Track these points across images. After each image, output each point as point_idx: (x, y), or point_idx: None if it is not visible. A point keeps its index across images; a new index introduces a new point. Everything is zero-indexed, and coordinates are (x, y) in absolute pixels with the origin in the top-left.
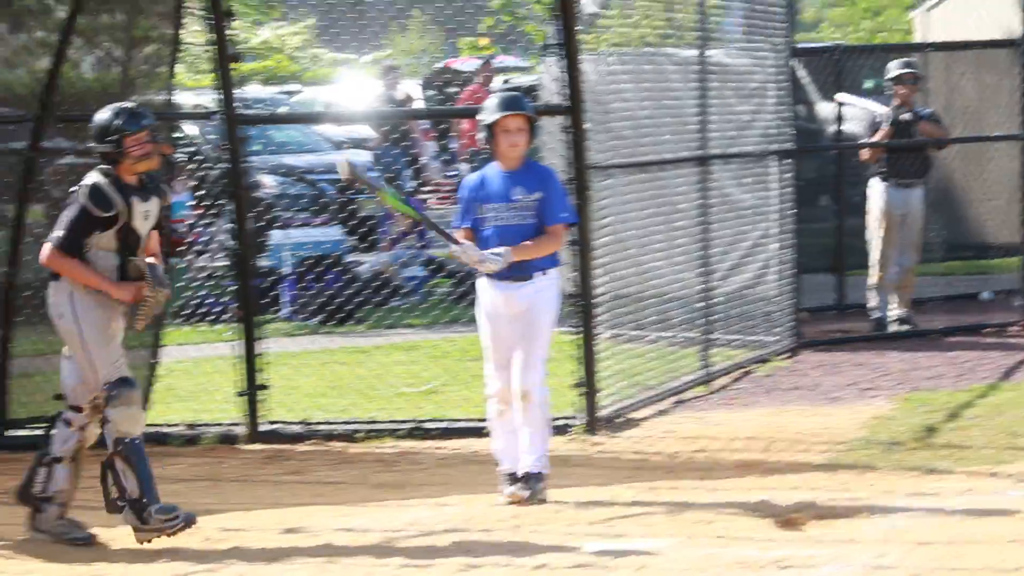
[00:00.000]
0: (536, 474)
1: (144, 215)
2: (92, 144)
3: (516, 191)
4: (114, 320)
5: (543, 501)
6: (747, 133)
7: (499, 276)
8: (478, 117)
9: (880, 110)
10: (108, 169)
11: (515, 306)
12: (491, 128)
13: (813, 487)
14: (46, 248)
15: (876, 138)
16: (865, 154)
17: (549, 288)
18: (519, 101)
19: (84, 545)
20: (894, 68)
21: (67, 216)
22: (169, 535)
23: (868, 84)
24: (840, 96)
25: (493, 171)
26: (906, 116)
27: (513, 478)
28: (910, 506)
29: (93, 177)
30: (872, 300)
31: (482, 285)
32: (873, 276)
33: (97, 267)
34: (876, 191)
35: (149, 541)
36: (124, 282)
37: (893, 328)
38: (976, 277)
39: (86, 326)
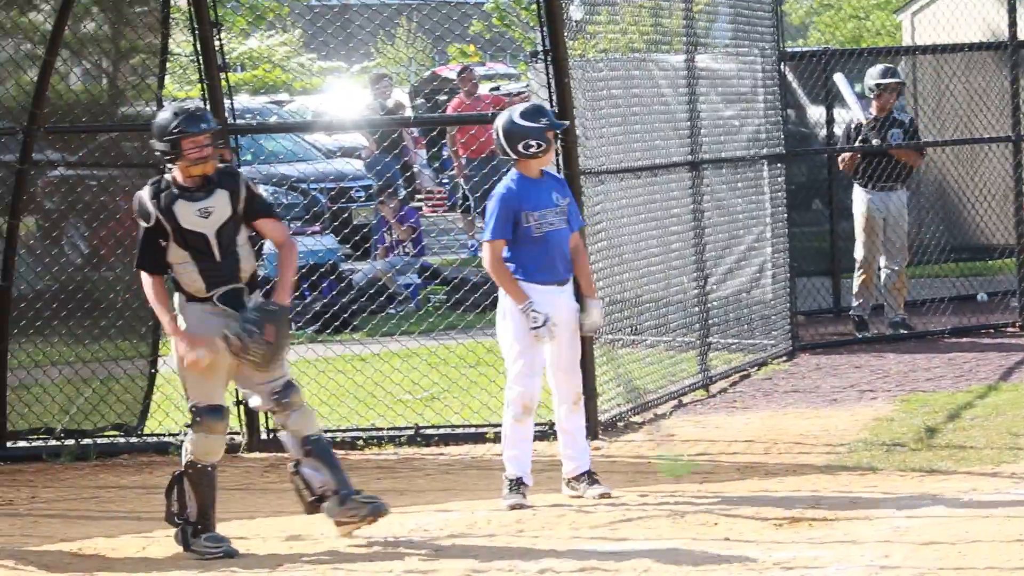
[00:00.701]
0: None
1: (200, 213)
2: (151, 142)
3: (555, 196)
4: (215, 341)
5: None
6: (737, 138)
7: (544, 281)
8: (528, 124)
9: (860, 116)
10: (157, 179)
11: (562, 309)
12: (545, 137)
13: (815, 489)
14: None
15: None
16: (842, 164)
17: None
18: None
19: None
20: (875, 75)
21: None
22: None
23: (857, 88)
24: (837, 77)
25: (521, 180)
26: (873, 133)
27: (518, 483)
28: (913, 506)
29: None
30: (855, 300)
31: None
32: (857, 278)
33: (184, 282)
34: (857, 195)
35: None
36: (189, 335)
37: (888, 331)
38: (973, 278)
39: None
